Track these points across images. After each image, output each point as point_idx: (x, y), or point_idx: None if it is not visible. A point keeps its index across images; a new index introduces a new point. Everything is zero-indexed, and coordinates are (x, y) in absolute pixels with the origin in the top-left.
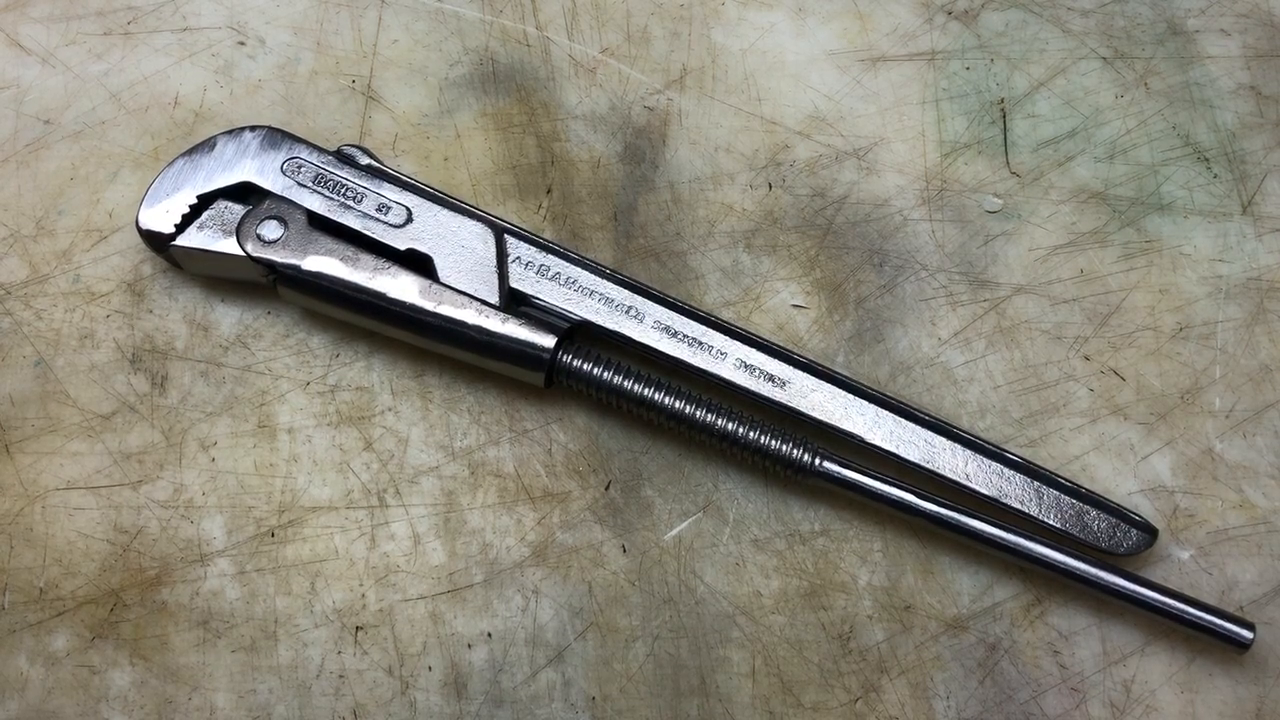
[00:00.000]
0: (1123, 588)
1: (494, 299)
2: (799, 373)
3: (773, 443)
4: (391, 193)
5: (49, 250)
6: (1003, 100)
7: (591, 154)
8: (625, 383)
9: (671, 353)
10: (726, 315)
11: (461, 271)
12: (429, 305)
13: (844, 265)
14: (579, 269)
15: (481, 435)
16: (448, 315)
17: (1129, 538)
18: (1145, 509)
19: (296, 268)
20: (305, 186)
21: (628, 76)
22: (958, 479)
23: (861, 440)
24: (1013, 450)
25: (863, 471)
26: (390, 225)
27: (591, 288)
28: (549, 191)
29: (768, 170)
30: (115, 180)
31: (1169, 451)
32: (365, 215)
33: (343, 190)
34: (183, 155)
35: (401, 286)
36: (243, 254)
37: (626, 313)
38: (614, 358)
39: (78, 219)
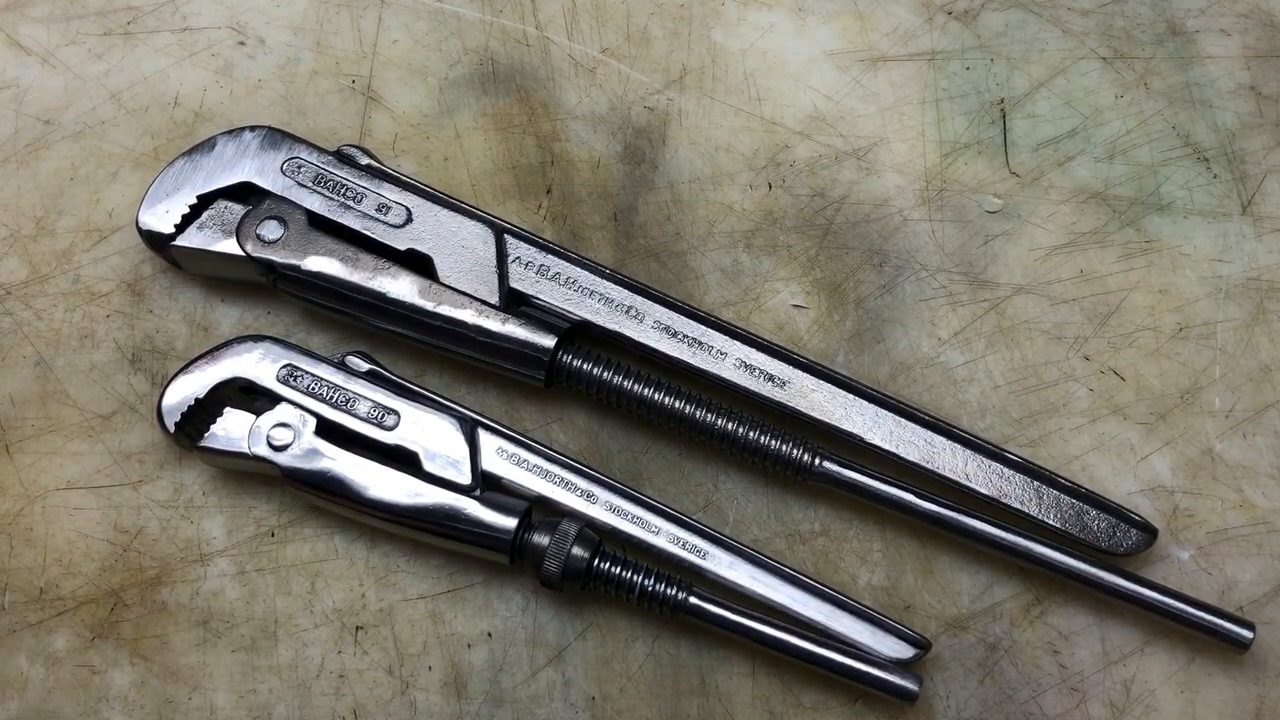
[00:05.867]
0: (1123, 587)
1: (494, 299)
2: (799, 373)
3: (773, 443)
4: (391, 193)
5: (49, 250)
6: (1003, 100)
7: (591, 154)
8: (625, 383)
9: (671, 353)
10: (726, 315)
11: (461, 271)
12: (429, 305)
13: (844, 265)
14: (579, 269)
15: None
16: (447, 315)
17: (1129, 537)
18: (1145, 509)
19: (296, 268)
20: (305, 186)
21: (628, 76)
22: (958, 479)
23: (861, 440)
24: (1013, 450)
25: (863, 471)
26: (390, 225)
27: (591, 288)
28: (549, 191)
29: (768, 170)
30: (115, 180)
31: (1169, 451)
32: (365, 215)
33: (343, 190)
34: (182, 155)
35: (401, 286)
36: (243, 254)
37: (626, 313)
38: (614, 358)
39: (78, 219)
